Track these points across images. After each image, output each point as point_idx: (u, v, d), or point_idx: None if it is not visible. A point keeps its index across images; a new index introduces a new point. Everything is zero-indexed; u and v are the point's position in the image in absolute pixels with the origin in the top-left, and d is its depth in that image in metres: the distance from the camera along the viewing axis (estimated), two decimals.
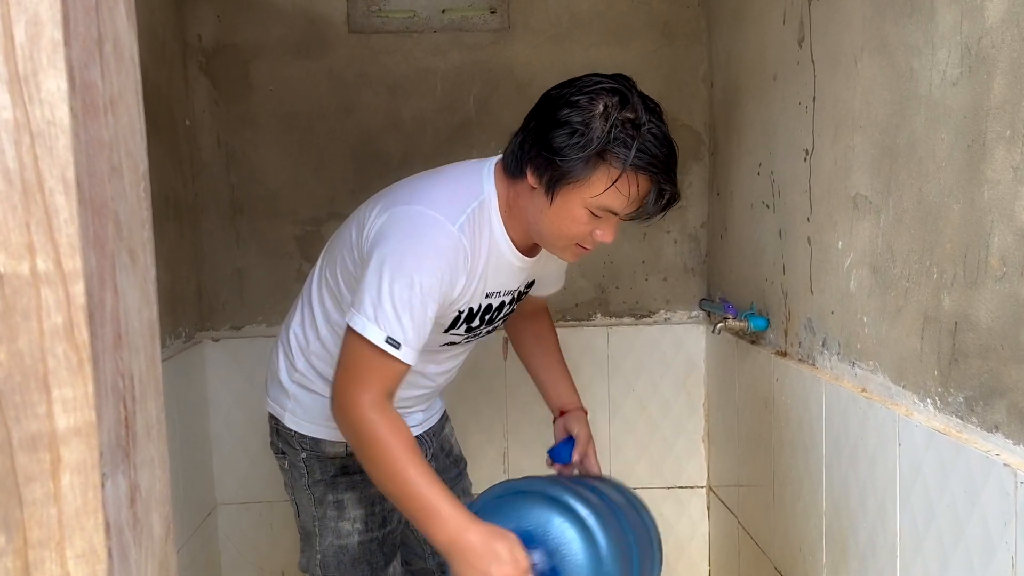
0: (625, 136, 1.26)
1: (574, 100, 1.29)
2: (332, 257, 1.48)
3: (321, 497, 1.54)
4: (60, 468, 0.42)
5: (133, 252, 0.50)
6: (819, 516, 1.49)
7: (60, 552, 0.42)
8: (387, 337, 1.28)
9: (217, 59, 2.18)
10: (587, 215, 1.33)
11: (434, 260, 1.30)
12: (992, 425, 0.99)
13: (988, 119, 0.97)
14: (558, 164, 1.29)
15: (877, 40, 1.25)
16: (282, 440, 1.58)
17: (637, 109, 1.29)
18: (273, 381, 1.59)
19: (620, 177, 1.28)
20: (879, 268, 1.26)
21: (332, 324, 1.48)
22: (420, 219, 1.32)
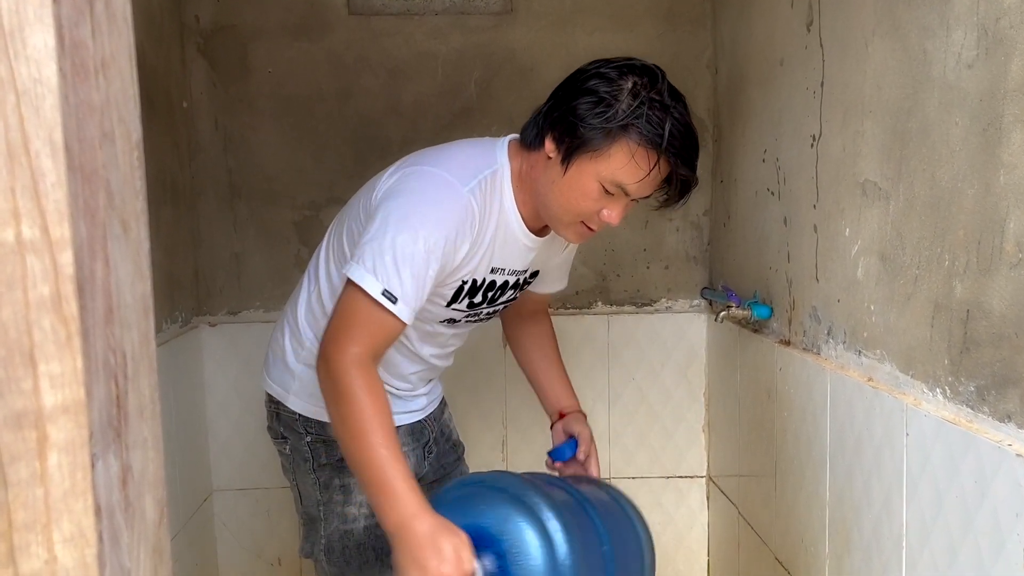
0: (651, 113, 1.26)
1: (604, 72, 1.29)
2: (340, 228, 1.47)
3: (327, 481, 1.52)
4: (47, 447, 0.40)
5: (125, 223, 0.48)
6: (822, 507, 1.47)
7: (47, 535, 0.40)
8: (384, 290, 1.24)
9: (215, 40, 2.14)
10: (599, 190, 1.31)
11: (441, 217, 1.29)
12: (1004, 415, 0.97)
13: (1005, 102, 0.95)
14: (580, 131, 1.28)
15: (889, 22, 1.22)
16: (283, 424, 1.55)
17: (663, 94, 1.29)
18: (276, 363, 1.56)
19: (638, 152, 1.27)
20: (888, 255, 1.24)
21: None
22: (430, 178, 1.33)
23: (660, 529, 2.29)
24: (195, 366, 2.14)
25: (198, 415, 2.15)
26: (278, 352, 1.55)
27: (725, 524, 2.17)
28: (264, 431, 2.20)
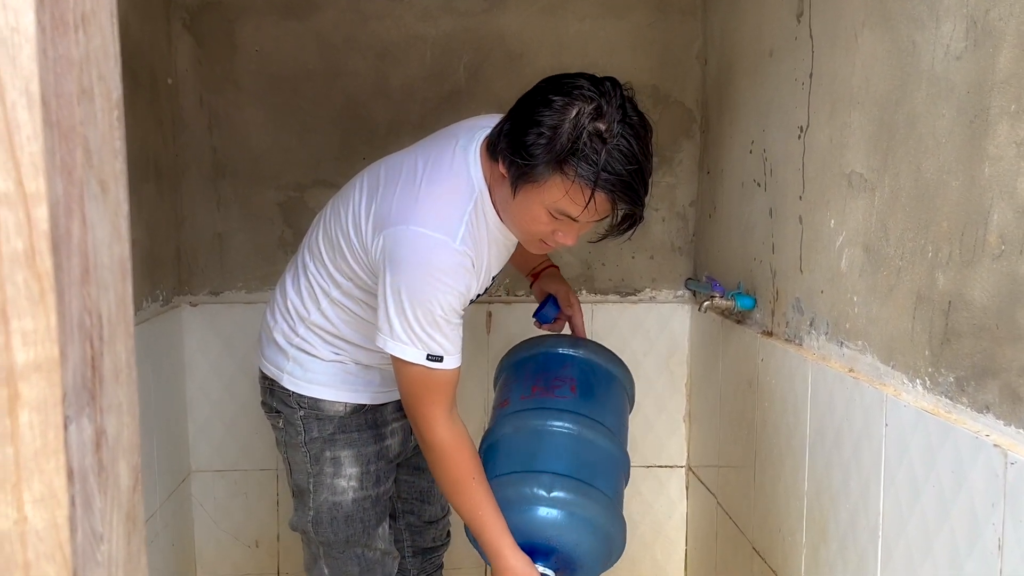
0: (587, 149, 1.26)
1: (551, 100, 1.29)
2: (329, 238, 1.50)
3: (318, 454, 1.57)
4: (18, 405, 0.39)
5: (104, 183, 0.47)
6: (800, 497, 1.48)
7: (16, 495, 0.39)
8: (427, 355, 1.37)
9: (201, 17, 2.12)
10: (547, 216, 1.34)
11: (447, 282, 1.34)
12: (983, 406, 0.98)
13: (992, 93, 0.95)
14: (523, 160, 1.29)
15: (879, 14, 1.22)
16: (277, 399, 1.60)
17: (611, 121, 1.27)
18: (269, 343, 1.60)
19: (572, 187, 1.28)
20: (872, 247, 1.25)
21: (332, 299, 1.52)
22: (422, 242, 1.34)
23: (639, 518, 2.29)
24: (175, 346, 2.12)
25: (177, 395, 2.13)
26: (271, 334, 1.60)
27: (703, 514, 2.18)
28: (244, 412, 2.19)
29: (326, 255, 1.51)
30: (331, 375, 1.56)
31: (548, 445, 1.53)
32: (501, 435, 1.58)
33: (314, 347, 1.55)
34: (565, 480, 1.48)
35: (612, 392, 1.67)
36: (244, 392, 2.17)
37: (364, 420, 1.59)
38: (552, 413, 1.55)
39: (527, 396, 1.60)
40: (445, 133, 1.51)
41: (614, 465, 1.59)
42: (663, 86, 2.22)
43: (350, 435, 1.57)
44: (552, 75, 1.35)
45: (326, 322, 1.54)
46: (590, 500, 1.48)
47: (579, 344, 1.68)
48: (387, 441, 1.63)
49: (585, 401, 1.59)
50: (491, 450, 1.58)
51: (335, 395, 1.56)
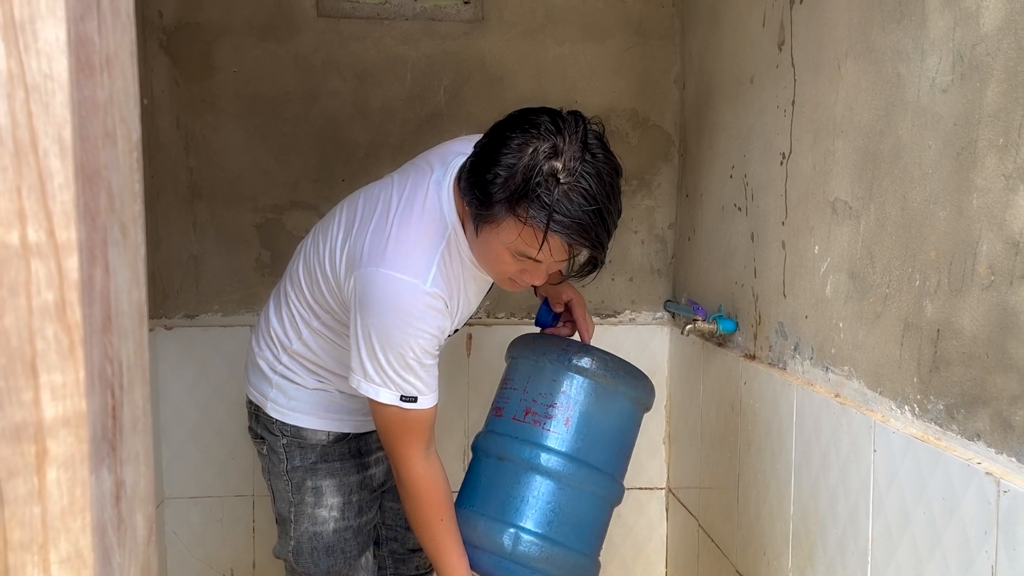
0: (541, 191, 1.21)
1: (509, 138, 1.25)
2: (308, 269, 1.48)
3: (299, 483, 1.55)
4: (46, 462, 0.38)
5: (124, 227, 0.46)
6: (786, 520, 1.49)
7: (44, 556, 0.38)
8: (401, 396, 1.36)
9: (178, 37, 2.10)
10: (509, 256, 1.30)
11: (419, 327, 1.32)
12: (974, 433, 0.99)
13: (980, 127, 0.97)
14: (478, 203, 1.27)
15: (863, 45, 1.25)
16: (261, 426, 1.58)
17: (569, 161, 1.22)
18: (254, 370, 1.59)
19: (525, 230, 1.24)
20: (858, 274, 1.26)
21: (313, 329, 1.50)
22: (392, 286, 1.31)
23: (619, 540, 2.29)
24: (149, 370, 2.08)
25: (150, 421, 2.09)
26: (256, 361, 1.58)
27: (684, 536, 2.18)
28: (220, 438, 2.15)
29: (305, 286, 1.49)
30: (314, 403, 1.54)
31: (525, 493, 1.51)
32: (485, 458, 1.57)
33: (297, 375, 1.54)
34: (534, 540, 1.48)
35: (613, 418, 1.59)
36: (220, 417, 2.14)
37: (347, 449, 1.57)
38: (539, 452, 1.51)
39: (520, 420, 1.55)
40: (421, 163, 1.47)
41: (596, 511, 1.57)
42: (642, 109, 2.24)
43: (332, 464, 1.56)
44: (519, 109, 1.31)
45: (308, 351, 1.52)
46: (556, 562, 1.50)
47: (585, 362, 1.57)
48: (371, 470, 1.61)
49: (577, 438, 1.53)
50: (474, 472, 1.58)
51: (318, 423, 1.54)
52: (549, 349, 1.58)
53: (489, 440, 1.58)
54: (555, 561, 1.50)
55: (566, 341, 1.63)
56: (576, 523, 1.53)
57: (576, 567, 1.54)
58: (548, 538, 1.49)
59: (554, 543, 1.50)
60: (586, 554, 1.56)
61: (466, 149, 1.40)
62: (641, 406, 1.64)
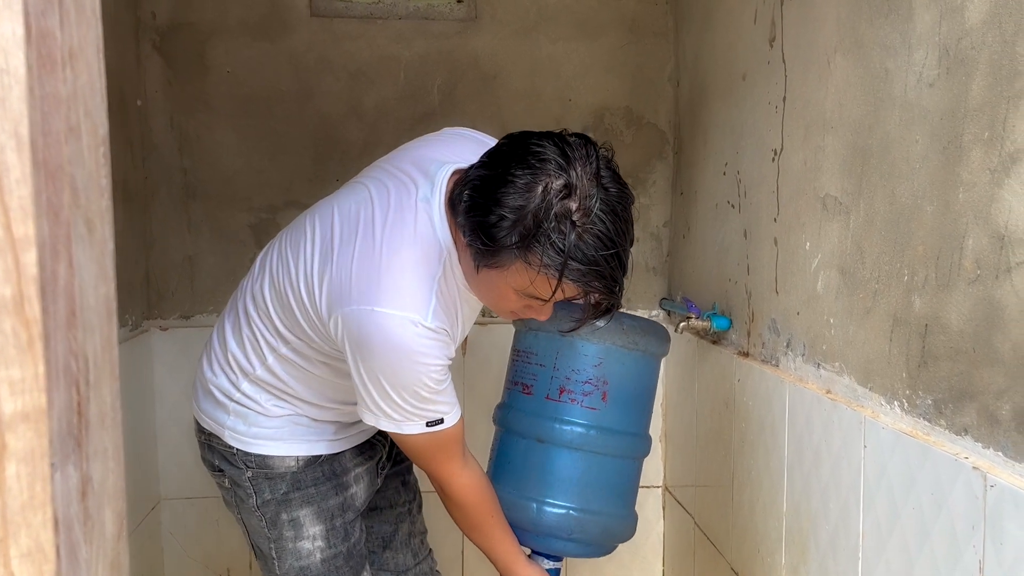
0: (554, 234, 1.11)
1: (515, 176, 1.13)
2: (276, 290, 1.34)
3: (274, 518, 1.43)
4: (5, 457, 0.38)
5: (90, 222, 0.46)
6: (779, 517, 1.49)
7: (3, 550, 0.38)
8: (426, 422, 1.31)
9: (171, 38, 2.10)
10: (515, 295, 1.22)
11: (427, 363, 1.24)
12: (961, 428, 0.99)
13: (966, 121, 0.97)
14: (483, 246, 1.16)
15: (851, 40, 1.24)
16: (219, 457, 1.45)
17: (583, 197, 1.12)
18: (206, 396, 1.45)
19: (538, 277, 1.15)
20: (848, 269, 1.26)
21: (281, 356, 1.38)
22: (390, 326, 1.20)
23: None
24: (144, 371, 2.09)
25: (147, 422, 2.09)
26: (208, 387, 1.44)
27: (680, 534, 2.18)
28: None
29: (272, 308, 1.35)
30: (278, 428, 1.42)
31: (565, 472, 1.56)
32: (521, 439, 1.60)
33: (259, 404, 1.40)
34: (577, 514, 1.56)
35: (643, 379, 1.64)
36: None
37: (321, 472, 1.45)
38: (579, 431, 1.56)
39: (555, 399, 1.57)
40: (397, 174, 1.32)
41: (632, 472, 1.65)
42: (636, 108, 2.24)
43: (306, 492, 1.43)
44: (516, 135, 1.20)
45: (273, 378, 1.39)
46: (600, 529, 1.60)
47: (613, 329, 1.55)
48: (351, 490, 1.48)
49: (615, 410, 1.58)
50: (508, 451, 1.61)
51: (285, 449, 1.42)
52: None
53: (521, 420, 1.59)
54: (598, 527, 1.59)
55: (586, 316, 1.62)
56: (611, 488, 1.59)
57: (619, 527, 1.63)
58: (589, 510, 1.56)
59: (596, 513, 1.57)
60: (624, 514, 1.64)
61: (441, 155, 1.32)
62: (662, 358, 1.69)
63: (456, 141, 1.42)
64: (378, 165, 1.41)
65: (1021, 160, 0.88)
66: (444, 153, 1.35)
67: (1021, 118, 0.88)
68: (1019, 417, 0.89)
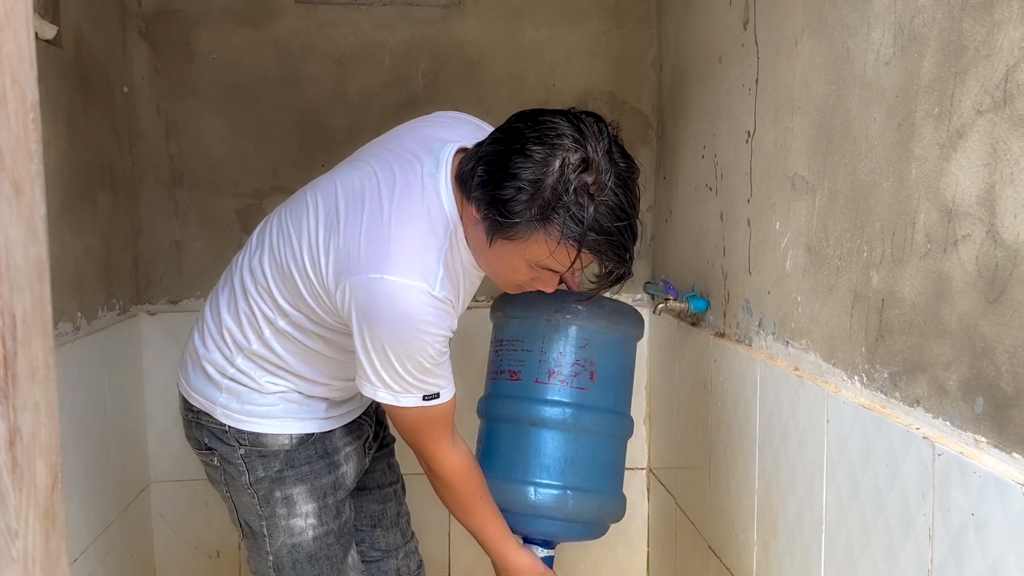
0: (575, 206, 1.17)
1: (531, 152, 1.18)
2: (277, 263, 1.35)
3: (267, 495, 1.44)
4: None
5: (18, 185, 0.48)
6: (751, 495, 1.51)
7: None
8: (423, 396, 1.33)
9: (157, 24, 2.12)
10: (526, 267, 1.27)
11: (433, 332, 1.27)
12: (913, 400, 1.00)
13: (918, 97, 0.98)
14: (500, 218, 1.20)
15: (817, 20, 1.26)
16: (208, 434, 1.45)
17: (599, 171, 1.18)
18: (197, 372, 1.45)
19: (558, 249, 1.21)
20: (814, 248, 1.27)
21: (278, 329, 1.39)
22: (399, 294, 1.23)
23: None
24: (133, 355, 2.11)
25: (135, 405, 2.12)
26: (201, 363, 1.44)
27: (664, 515, 2.20)
28: None
29: (273, 282, 1.36)
30: (271, 406, 1.42)
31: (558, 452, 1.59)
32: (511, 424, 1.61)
33: (252, 379, 1.41)
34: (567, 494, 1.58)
35: (623, 360, 1.68)
36: None
37: (314, 450, 1.46)
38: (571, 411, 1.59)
39: (544, 382, 1.59)
40: (400, 151, 1.35)
41: (617, 452, 1.68)
42: (619, 93, 2.25)
43: (300, 469, 1.44)
44: (527, 112, 1.24)
45: (269, 352, 1.40)
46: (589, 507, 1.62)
47: (596, 313, 1.62)
48: (342, 469, 1.50)
49: (602, 389, 1.62)
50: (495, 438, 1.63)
51: (278, 427, 1.42)
52: (559, 305, 1.60)
53: (510, 406, 1.61)
54: (592, 505, 1.62)
55: (566, 294, 1.62)
56: (602, 467, 1.63)
57: (612, 505, 1.66)
58: (584, 488, 1.59)
59: (590, 491, 1.61)
60: (615, 492, 1.67)
61: (445, 135, 1.35)
62: (638, 340, 1.74)
63: (455, 123, 1.46)
64: (377, 144, 1.44)
65: (967, 135, 0.89)
66: (445, 133, 1.38)
67: (967, 93, 0.89)
68: (965, 387, 0.91)
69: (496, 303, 1.68)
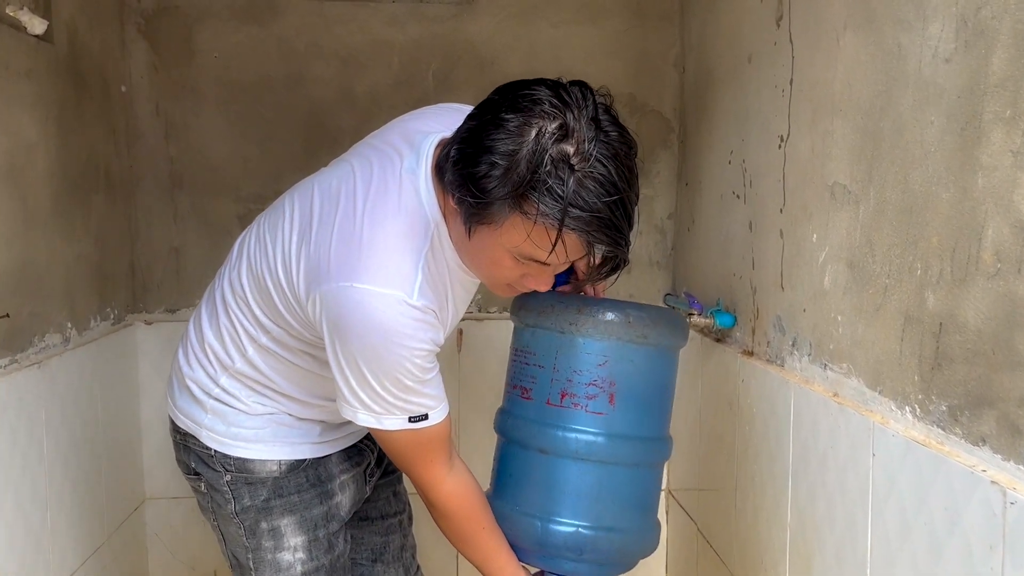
0: (552, 181, 1.01)
1: (505, 120, 1.04)
2: (254, 274, 1.26)
3: (252, 526, 1.33)
4: None
5: None
6: (783, 527, 1.40)
7: None
8: (408, 417, 1.20)
9: (157, 21, 2.03)
10: (511, 260, 1.11)
11: (411, 345, 1.13)
12: (978, 438, 0.90)
13: (986, 98, 0.88)
14: (472, 199, 1.06)
15: (862, 15, 1.15)
16: (195, 458, 1.36)
17: (581, 142, 1.02)
18: (183, 392, 1.36)
19: (535, 229, 1.04)
20: (857, 263, 1.17)
21: (261, 346, 1.29)
22: (371, 303, 1.10)
23: None
24: (128, 367, 2.02)
25: (130, 419, 2.03)
26: (185, 382, 1.35)
27: (683, 539, 2.09)
28: None
29: (250, 295, 1.27)
30: (259, 429, 1.32)
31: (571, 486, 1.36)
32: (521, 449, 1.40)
33: (238, 399, 1.31)
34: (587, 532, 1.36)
35: (656, 376, 1.41)
36: None
37: (305, 478, 1.35)
38: (585, 440, 1.34)
39: (556, 404, 1.36)
40: (382, 147, 1.24)
41: (649, 481, 1.44)
42: (640, 94, 2.14)
43: (288, 499, 1.33)
44: (506, 83, 1.10)
45: (254, 371, 1.30)
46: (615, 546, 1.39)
47: (619, 323, 1.34)
48: (336, 498, 1.38)
49: (625, 413, 1.36)
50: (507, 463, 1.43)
51: (266, 452, 1.32)
52: (573, 315, 1.34)
53: (521, 428, 1.40)
54: (613, 545, 1.38)
55: (584, 301, 1.38)
56: (629, 500, 1.39)
57: (636, 543, 1.42)
58: (602, 527, 1.36)
59: (609, 529, 1.37)
60: (642, 527, 1.43)
61: (429, 127, 1.23)
62: (679, 349, 1.46)
63: (444, 113, 1.31)
64: (365, 141, 1.33)
65: None
66: (432, 125, 1.24)
67: None
68: None
69: (512, 305, 1.47)
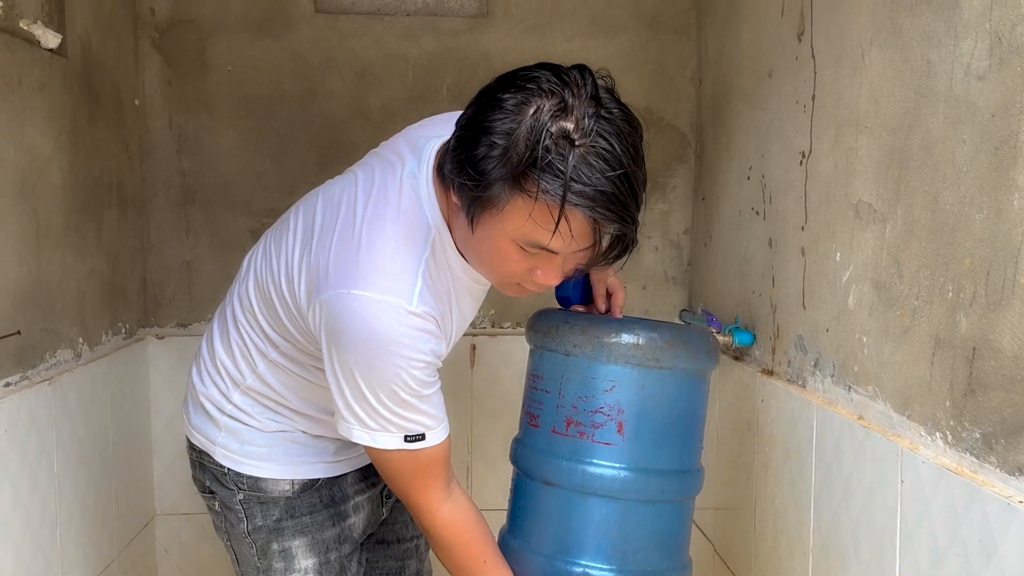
0: (552, 157, 0.97)
1: (503, 100, 1.01)
2: (260, 288, 1.25)
3: (264, 546, 1.31)
4: None
5: None
6: (805, 553, 1.36)
7: None
8: (404, 437, 1.15)
9: (171, 35, 2.02)
10: (517, 251, 1.06)
11: (408, 355, 1.09)
12: (1015, 468, 0.86)
13: (1023, 117, 0.85)
14: (471, 183, 1.02)
15: (889, 30, 1.12)
16: (210, 476, 1.34)
17: (581, 118, 0.99)
18: (197, 409, 1.34)
19: (537, 208, 0.99)
20: (883, 284, 1.14)
21: (271, 361, 1.27)
22: (368, 310, 1.07)
23: None
24: (140, 382, 2.00)
25: (141, 434, 2.01)
26: (199, 399, 1.33)
27: (699, 561, 2.05)
28: None
29: (258, 309, 1.25)
30: (272, 447, 1.30)
31: (582, 525, 1.27)
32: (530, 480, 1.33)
33: (251, 416, 1.29)
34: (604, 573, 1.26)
35: (676, 402, 1.29)
36: None
37: (318, 499, 1.33)
38: (592, 472, 1.26)
39: (561, 432, 1.28)
40: (386, 154, 1.23)
41: (675, 518, 1.33)
42: (656, 108, 2.12)
43: (300, 520, 1.31)
44: (507, 72, 1.08)
45: (265, 387, 1.28)
46: None
47: (628, 346, 1.25)
48: (349, 520, 1.36)
49: (637, 444, 1.26)
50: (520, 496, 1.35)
51: (279, 471, 1.30)
52: (578, 336, 1.27)
53: (529, 458, 1.33)
54: None
55: (592, 321, 1.31)
56: (646, 540, 1.28)
57: None
58: (613, 569, 1.26)
59: (621, 571, 1.27)
60: (664, 569, 1.31)
61: (434, 132, 1.20)
62: (706, 373, 1.35)
63: (451, 118, 1.27)
64: (373, 151, 1.32)
65: None
66: (436, 130, 1.21)
67: None
68: None
69: (527, 323, 1.39)
